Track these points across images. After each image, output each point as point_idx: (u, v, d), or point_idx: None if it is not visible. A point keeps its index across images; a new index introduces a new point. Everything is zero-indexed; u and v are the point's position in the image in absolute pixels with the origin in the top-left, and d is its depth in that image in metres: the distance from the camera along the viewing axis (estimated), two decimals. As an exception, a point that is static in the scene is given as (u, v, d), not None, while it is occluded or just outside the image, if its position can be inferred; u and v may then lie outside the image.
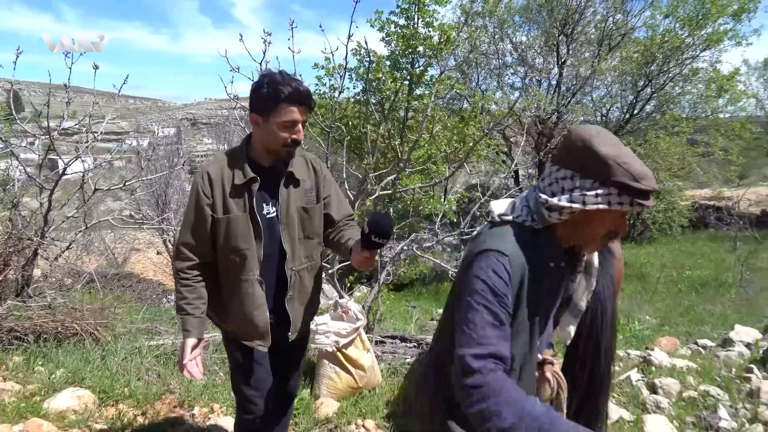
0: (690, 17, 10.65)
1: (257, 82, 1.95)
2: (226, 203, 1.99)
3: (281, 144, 1.95)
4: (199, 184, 1.98)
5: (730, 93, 11.83)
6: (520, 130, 11.69)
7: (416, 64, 5.94)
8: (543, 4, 11.68)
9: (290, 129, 1.93)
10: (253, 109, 1.96)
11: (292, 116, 1.91)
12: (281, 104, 1.88)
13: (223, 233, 2.01)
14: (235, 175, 1.98)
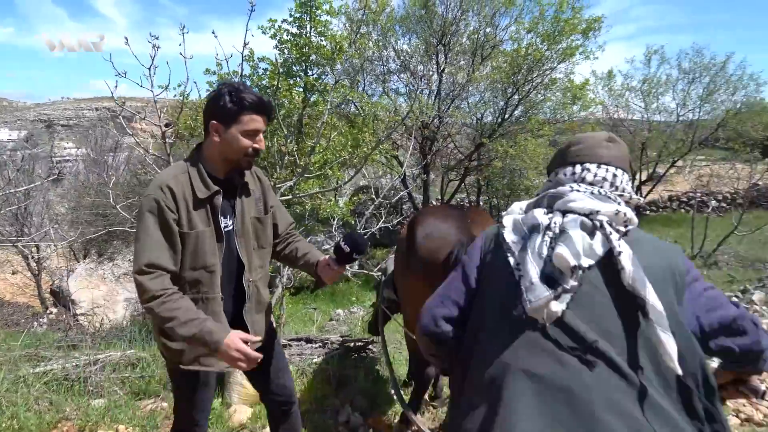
0: (548, 33, 12.05)
1: (217, 91, 1.94)
2: (190, 218, 1.91)
3: (242, 153, 1.94)
4: (161, 198, 1.85)
5: (582, 100, 13.60)
6: (405, 133, 12.25)
7: (310, 72, 6.08)
8: (422, 16, 12.42)
9: (253, 137, 1.93)
10: (214, 117, 1.92)
11: (255, 125, 1.92)
12: (245, 112, 1.89)
13: (191, 249, 1.91)
14: (195, 188, 1.92)
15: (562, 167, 1.49)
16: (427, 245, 2.92)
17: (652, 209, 20.68)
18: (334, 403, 4.00)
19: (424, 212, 3.23)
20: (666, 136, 19.54)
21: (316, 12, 5.79)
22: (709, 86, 19.22)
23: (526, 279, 1.22)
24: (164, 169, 2.19)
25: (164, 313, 1.78)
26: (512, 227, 1.37)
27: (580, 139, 1.50)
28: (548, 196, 1.40)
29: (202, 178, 1.93)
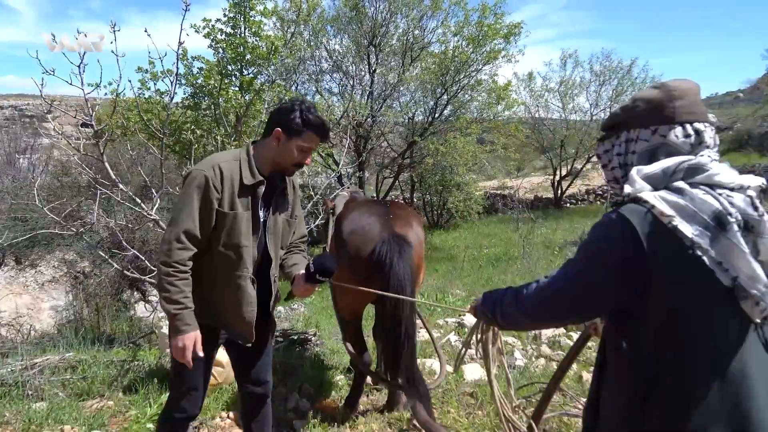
0: (473, 37, 12.68)
1: (290, 104, 2.17)
2: (233, 200, 2.07)
3: (292, 163, 2.18)
4: (210, 176, 2.02)
5: (506, 101, 14.41)
6: (339, 132, 12.43)
7: (245, 72, 6.12)
8: (353, 17, 12.66)
9: (305, 154, 2.18)
10: (280, 125, 2.13)
11: (311, 144, 2.17)
12: (309, 131, 2.13)
13: (227, 229, 2.08)
14: (243, 175, 2.10)
15: (668, 126, 1.25)
16: (353, 241, 3.14)
17: (572, 202, 22.12)
18: (281, 392, 4.14)
19: (350, 207, 3.45)
20: (582, 134, 21.03)
21: (250, 13, 5.87)
22: (618, 88, 20.98)
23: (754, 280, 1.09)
24: (219, 152, 2.40)
25: (164, 282, 1.99)
26: (682, 215, 1.13)
27: (683, 92, 1.27)
28: (687, 167, 1.19)
29: (251, 168, 2.12)
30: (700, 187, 1.16)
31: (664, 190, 1.18)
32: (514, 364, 4.57)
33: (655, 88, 1.32)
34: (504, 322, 1.54)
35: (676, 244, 1.12)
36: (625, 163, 1.33)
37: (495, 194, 22.02)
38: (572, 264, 1.31)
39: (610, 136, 1.40)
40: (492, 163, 18.12)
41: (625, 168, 1.33)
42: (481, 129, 14.99)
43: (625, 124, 1.33)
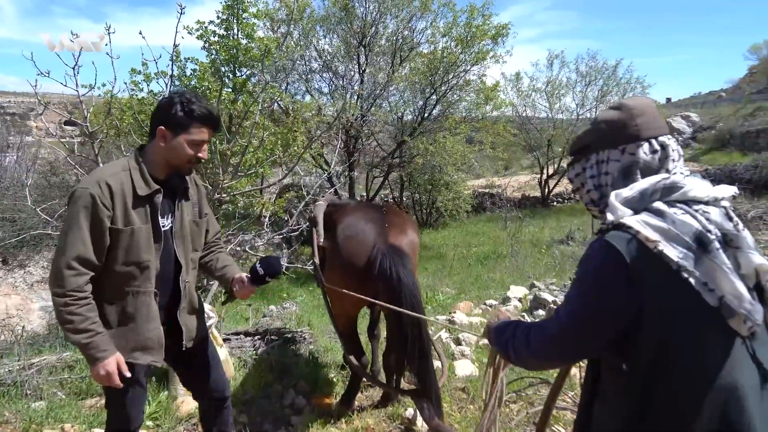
0: (461, 38, 12.82)
1: (169, 99, 2.05)
2: (127, 215, 1.94)
3: (186, 160, 2.05)
4: (97, 193, 1.87)
5: (494, 101, 14.58)
6: (330, 131, 12.47)
7: (238, 73, 6.16)
8: (342, 17, 12.72)
9: (198, 147, 2.04)
10: (163, 123, 2.00)
11: (201, 136, 2.03)
12: (195, 123, 2.00)
13: (125, 245, 1.95)
14: (136, 185, 1.96)
15: (635, 144, 1.31)
16: (347, 248, 3.12)
17: (559, 201, 22.38)
18: (277, 389, 4.22)
19: (345, 211, 3.42)
20: (569, 133, 21.31)
21: (243, 15, 5.91)
22: (603, 88, 21.32)
23: (739, 299, 1.13)
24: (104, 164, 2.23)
25: (64, 314, 1.84)
26: (666, 238, 1.16)
27: (642, 109, 1.33)
28: (663, 187, 1.24)
29: (144, 176, 1.99)
30: (678, 206, 1.21)
31: (645, 213, 1.21)
32: (505, 360, 4.66)
33: (615, 109, 1.36)
34: (518, 362, 1.51)
35: (663, 269, 1.15)
36: (600, 185, 1.37)
37: (483, 193, 22.22)
38: (571, 301, 1.31)
39: (579, 159, 1.43)
40: (480, 162, 18.33)
41: (600, 189, 1.37)
42: (470, 129, 15.15)
43: (593, 146, 1.38)
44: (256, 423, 3.66)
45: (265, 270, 2.14)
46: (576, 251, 11.60)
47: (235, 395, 3.98)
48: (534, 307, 6.30)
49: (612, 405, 1.32)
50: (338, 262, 3.18)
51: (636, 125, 1.30)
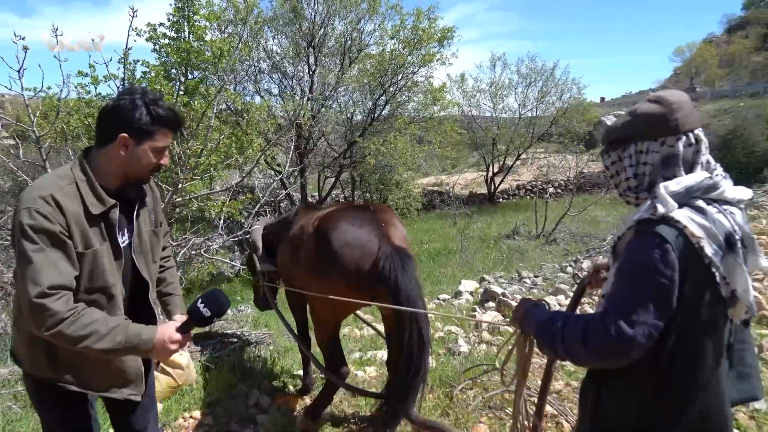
0: (409, 40, 13.12)
1: (131, 101, 1.73)
2: (84, 235, 1.68)
3: (149, 169, 1.81)
4: (48, 212, 1.60)
5: (441, 102, 14.99)
6: (280, 132, 12.42)
7: (190, 76, 6.08)
8: (291, 19, 12.69)
9: (161, 154, 1.81)
10: (125, 130, 1.72)
11: (166, 141, 1.80)
12: (161, 129, 1.75)
13: (87, 270, 1.69)
14: (87, 202, 1.69)
15: (675, 137, 1.39)
16: (350, 255, 2.87)
17: (504, 197, 23.24)
18: (242, 390, 4.27)
19: (333, 216, 3.11)
20: (512, 132, 22.15)
21: (194, 17, 5.85)
22: (543, 89, 22.33)
23: (747, 293, 1.30)
24: (42, 176, 1.89)
25: (80, 331, 1.56)
26: (707, 236, 1.29)
27: (680, 104, 1.40)
28: (706, 186, 1.35)
29: (95, 191, 1.72)
30: (713, 205, 1.33)
31: (688, 209, 1.32)
32: (459, 351, 4.91)
33: (654, 103, 1.44)
34: (567, 357, 1.45)
35: (698, 261, 1.28)
36: (638, 174, 1.46)
37: (432, 191, 22.70)
38: (631, 298, 1.34)
39: (615, 148, 1.52)
40: (429, 161, 18.80)
41: (637, 178, 1.46)
42: (419, 128, 15.51)
43: (632, 137, 1.45)
44: (223, 423, 3.70)
45: (212, 311, 1.72)
46: (521, 245, 12.14)
47: (200, 398, 4.01)
48: (485, 300, 6.61)
49: (625, 393, 1.43)
50: (335, 269, 2.90)
51: (675, 119, 1.38)
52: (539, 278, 8.11)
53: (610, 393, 1.47)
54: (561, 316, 1.51)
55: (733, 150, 17.63)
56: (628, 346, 1.30)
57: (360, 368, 4.65)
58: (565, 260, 9.88)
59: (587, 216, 14.11)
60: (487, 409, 3.77)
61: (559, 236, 12.47)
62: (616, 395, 1.46)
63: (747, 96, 27.18)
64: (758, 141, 17.24)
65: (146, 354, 1.68)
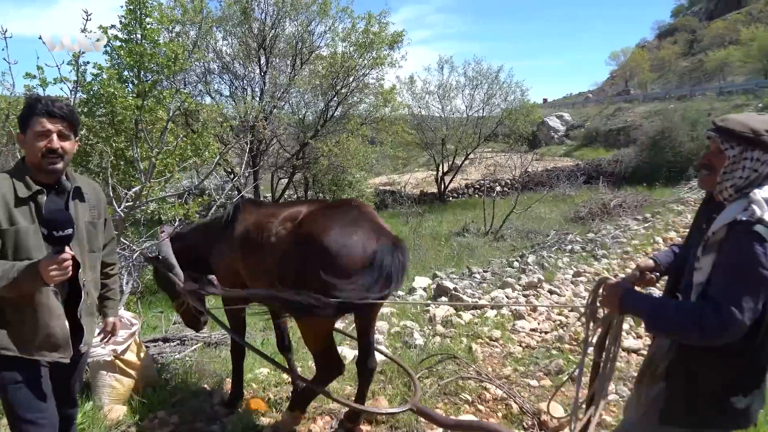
0: (360, 43, 13.34)
1: (22, 108, 2.14)
2: (11, 215, 2.01)
3: (39, 154, 2.07)
4: None
5: (392, 103, 15.31)
6: (232, 133, 12.34)
7: (143, 78, 6.01)
8: (242, 19, 12.61)
9: (45, 136, 2.07)
10: (19, 128, 2.14)
11: (44, 126, 2.06)
12: (34, 117, 2.07)
13: (12, 245, 2.00)
14: (17, 188, 2.05)
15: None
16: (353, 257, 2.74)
17: (454, 196, 23.87)
18: (205, 389, 4.35)
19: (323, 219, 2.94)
20: (460, 132, 22.81)
21: (146, 20, 5.80)
22: (488, 91, 23.15)
23: None
24: None
25: None
26: None
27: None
28: None
29: (24, 180, 2.07)
30: None
31: None
32: (414, 344, 5.16)
33: None
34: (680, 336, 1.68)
35: None
36: (749, 177, 1.63)
37: (384, 191, 23.03)
38: (740, 289, 1.55)
39: (740, 143, 1.65)
40: (381, 161, 19.12)
41: (746, 180, 1.64)
42: (371, 129, 15.78)
43: (760, 144, 1.61)
44: (188, 422, 3.77)
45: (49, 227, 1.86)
46: (471, 242, 12.59)
47: (164, 398, 4.07)
48: (438, 295, 6.92)
49: (720, 369, 1.68)
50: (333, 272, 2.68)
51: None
52: (488, 273, 8.51)
53: (705, 369, 1.69)
54: (667, 302, 1.78)
55: (662, 150, 18.88)
56: (738, 329, 1.52)
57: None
58: (512, 255, 10.36)
59: (532, 213, 14.79)
60: (443, 395, 4.04)
61: (506, 233, 13.00)
62: (711, 371, 1.69)
63: (675, 99, 29.04)
64: (683, 142, 18.53)
65: (41, 280, 1.89)
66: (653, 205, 13.61)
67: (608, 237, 10.39)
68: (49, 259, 1.86)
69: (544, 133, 32.55)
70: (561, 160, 25.91)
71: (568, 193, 17.99)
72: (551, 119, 33.73)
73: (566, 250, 9.87)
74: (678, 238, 9.61)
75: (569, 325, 5.59)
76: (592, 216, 13.29)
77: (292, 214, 3.13)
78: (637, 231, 10.72)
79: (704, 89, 30.35)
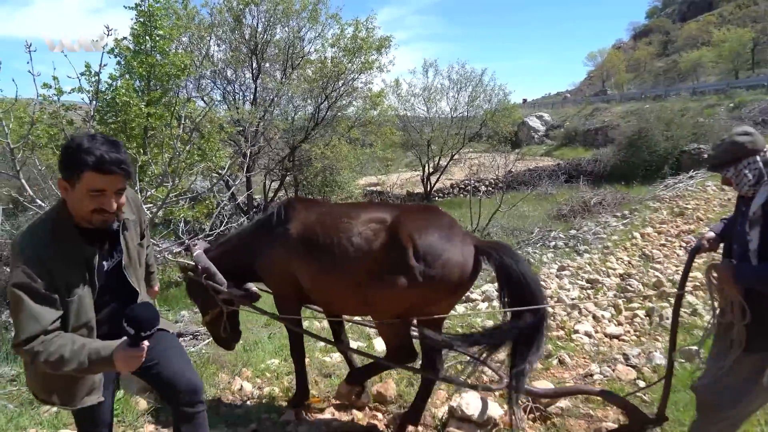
0: (349, 48, 13.71)
1: (66, 145, 1.86)
2: (68, 283, 1.87)
3: (90, 211, 1.86)
4: (34, 272, 1.78)
5: (380, 107, 15.71)
6: (255, 143, 12.53)
7: (153, 87, 6.27)
8: (235, 26, 12.89)
9: (103, 197, 1.84)
10: (60, 173, 1.86)
11: (96, 185, 1.81)
12: (86, 171, 1.79)
13: (74, 313, 1.90)
14: (70, 255, 1.88)
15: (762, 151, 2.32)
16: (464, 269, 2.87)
17: (439, 196, 24.31)
18: (223, 378, 4.67)
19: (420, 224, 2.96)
20: (445, 135, 23.29)
21: (156, 32, 6.06)
22: (472, 94, 23.67)
23: None
24: (28, 226, 2.00)
25: (50, 358, 1.76)
26: None
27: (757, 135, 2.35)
28: None
29: (74, 237, 1.89)
30: None
31: None
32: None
33: (745, 135, 2.35)
34: None
35: None
36: (754, 176, 2.31)
37: (372, 191, 23.37)
38: None
39: (731, 165, 2.37)
40: (371, 163, 19.53)
41: (755, 177, 2.31)
42: (360, 132, 16.15)
43: (744, 155, 2.32)
44: (212, 408, 4.05)
45: (134, 327, 1.73)
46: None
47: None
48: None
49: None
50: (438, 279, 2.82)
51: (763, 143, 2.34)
52: (478, 269, 8.90)
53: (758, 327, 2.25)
54: (760, 267, 2.21)
55: (639, 149, 19.56)
56: None
57: (326, 355, 5.17)
58: (499, 252, 10.77)
59: (516, 212, 15.28)
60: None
61: (492, 231, 13.42)
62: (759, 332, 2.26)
63: (651, 99, 29.94)
64: (659, 141, 19.23)
65: (113, 368, 1.80)
66: (631, 202, 14.19)
67: (589, 233, 10.89)
68: (127, 352, 1.76)
69: (525, 133, 33.21)
70: (542, 160, 26.54)
71: (550, 192, 18.55)
72: (531, 119, 34.36)
73: (550, 246, 10.36)
74: (654, 233, 10.17)
75: (555, 314, 6.03)
76: (573, 213, 13.81)
77: (377, 216, 3.10)
78: (617, 227, 11.26)
79: (678, 89, 31.34)
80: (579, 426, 3.63)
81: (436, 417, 3.72)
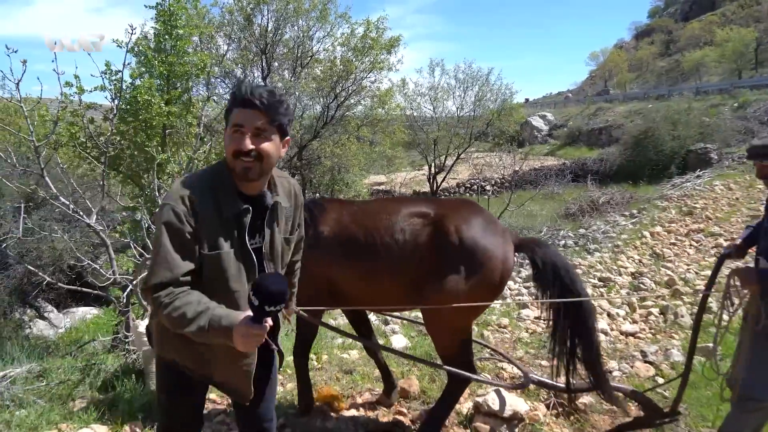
0: (358, 48, 13.75)
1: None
2: (213, 237, 1.69)
3: (231, 154, 1.68)
4: (182, 211, 1.64)
5: (388, 106, 15.76)
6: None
7: (173, 86, 6.33)
8: (245, 25, 12.94)
9: (239, 134, 1.66)
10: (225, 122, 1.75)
11: (243, 120, 1.65)
12: (234, 108, 1.67)
13: (211, 272, 1.71)
14: (222, 204, 1.71)
15: None
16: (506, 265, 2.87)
17: (446, 195, 24.36)
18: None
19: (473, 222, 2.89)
20: (451, 134, 23.34)
21: (176, 31, 6.11)
22: (479, 93, 23.72)
23: None
24: (189, 174, 1.88)
25: (173, 313, 1.59)
26: None
27: None
28: None
29: (230, 193, 1.73)
30: None
31: None
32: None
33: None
34: None
35: None
36: None
37: (378, 190, 23.44)
38: None
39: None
40: (377, 162, 19.62)
41: None
42: (369, 131, 16.20)
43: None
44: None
45: (260, 299, 1.47)
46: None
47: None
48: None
49: None
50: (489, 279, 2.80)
51: None
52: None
53: None
54: None
55: (645, 149, 19.59)
56: None
57: (344, 351, 5.20)
58: (508, 251, 10.83)
59: (524, 211, 15.33)
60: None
61: (500, 230, 13.46)
62: None
63: (654, 98, 29.92)
64: (666, 140, 19.25)
65: (231, 343, 1.55)
66: (639, 201, 14.22)
67: (599, 232, 10.93)
68: (248, 327, 1.51)
69: (528, 133, 33.22)
70: (546, 159, 26.58)
71: (556, 191, 18.59)
72: (534, 119, 34.34)
73: (560, 245, 10.40)
74: (664, 232, 10.20)
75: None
76: (582, 212, 13.86)
77: (418, 211, 2.99)
78: (626, 226, 11.30)
79: (681, 89, 31.31)
80: (603, 421, 3.67)
81: (461, 413, 3.75)
